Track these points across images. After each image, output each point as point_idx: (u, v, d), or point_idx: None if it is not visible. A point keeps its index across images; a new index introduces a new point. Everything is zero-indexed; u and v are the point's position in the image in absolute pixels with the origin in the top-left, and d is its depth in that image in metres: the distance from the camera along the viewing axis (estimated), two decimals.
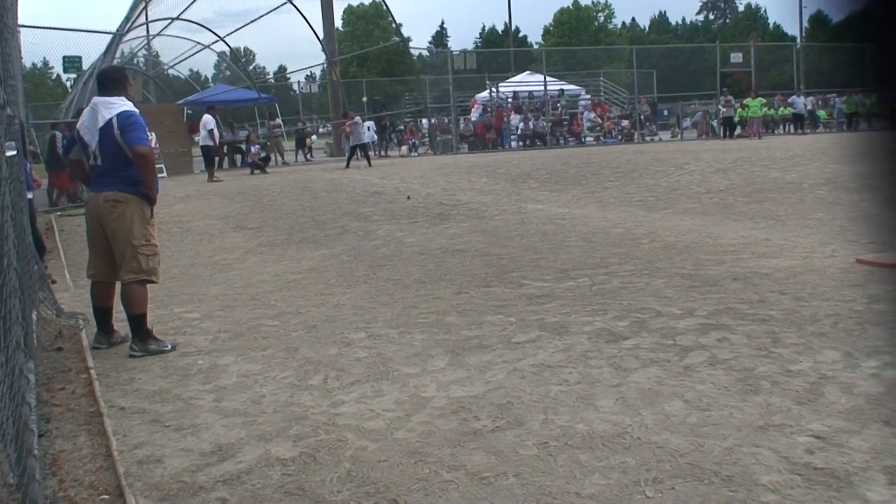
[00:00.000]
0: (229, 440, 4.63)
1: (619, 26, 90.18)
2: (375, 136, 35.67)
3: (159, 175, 7.66)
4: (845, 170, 16.34)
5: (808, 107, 36.55)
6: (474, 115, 36.47)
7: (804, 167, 17.15)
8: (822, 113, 38.05)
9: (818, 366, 5.28)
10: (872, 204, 1.40)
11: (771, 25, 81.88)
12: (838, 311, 6.61)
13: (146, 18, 30.29)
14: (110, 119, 6.65)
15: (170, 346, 6.77)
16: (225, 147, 29.77)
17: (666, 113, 42.40)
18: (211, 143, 24.24)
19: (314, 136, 41.67)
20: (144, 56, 38.88)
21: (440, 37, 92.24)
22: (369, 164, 25.02)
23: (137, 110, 6.90)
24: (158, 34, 33.77)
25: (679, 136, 37.44)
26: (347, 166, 24.93)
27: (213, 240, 13.74)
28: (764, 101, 34.54)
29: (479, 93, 38.96)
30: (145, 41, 35.11)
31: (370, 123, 34.57)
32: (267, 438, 4.63)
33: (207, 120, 24.40)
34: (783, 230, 11.33)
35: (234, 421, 4.94)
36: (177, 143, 28.44)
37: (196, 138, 26.51)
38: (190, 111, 35.95)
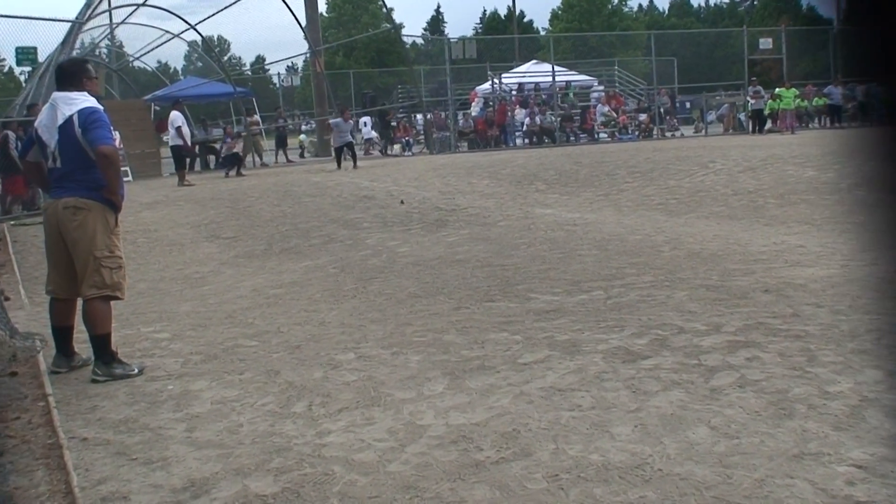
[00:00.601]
0: (203, 475, 4.63)
1: (636, 9, 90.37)
2: (374, 133, 35.73)
3: (124, 179, 7.68)
4: (888, 168, 16.33)
5: (859, 97, 36.52)
6: (475, 109, 36.50)
7: (842, 165, 17.17)
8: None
9: (859, 387, 5.28)
10: None
11: (804, 7, 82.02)
12: (881, 326, 6.60)
13: (109, 5, 30.35)
14: (70, 116, 6.66)
15: (136, 370, 6.77)
16: (197, 147, 29.80)
17: (688, 105, 42.55)
18: (181, 143, 24.29)
19: (303, 136, 41.77)
20: (107, 47, 38.92)
21: (436, 23, 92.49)
22: (355, 165, 25.11)
23: (101, 107, 6.92)
24: (122, 22, 33.81)
25: (703, 131, 37.54)
26: (338, 167, 25.09)
27: (184, 251, 13.76)
28: (798, 91, 34.58)
29: (479, 85, 39.01)
30: (108, 30, 35.15)
31: (366, 119, 34.58)
32: (245, 472, 4.63)
33: (175, 117, 24.45)
34: (819, 236, 11.36)
35: (209, 453, 4.94)
36: (143, 142, 28.51)
37: (164, 137, 26.54)
38: (158, 107, 35.99)
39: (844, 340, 6.29)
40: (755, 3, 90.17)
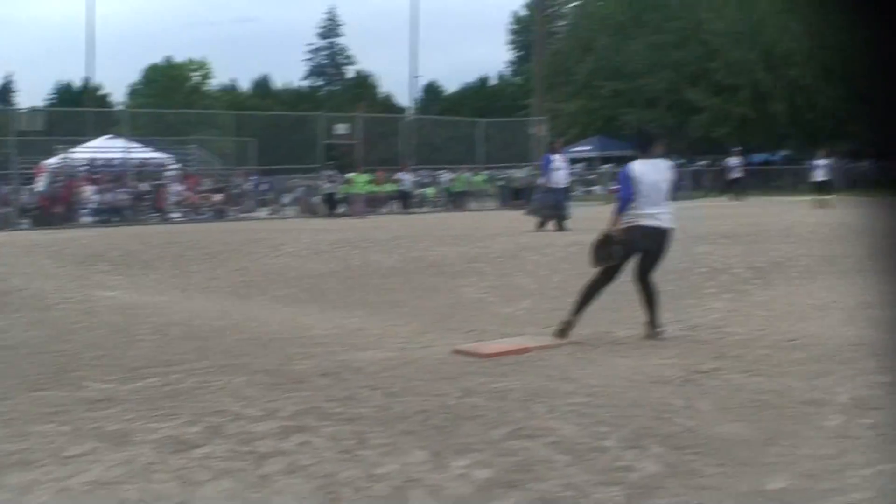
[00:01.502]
0: None
1: (217, 88, 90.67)
2: None
3: None
4: (450, 252, 17.48)
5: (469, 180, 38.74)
6: (40, 184, 35.03)
7: (406, 249, 18.11)
8: (430, 191, 40.49)
9: (405, 468, 5.50)
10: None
11: (381, 95, 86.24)
12: (429, 407, 6.96)
13: None
14: None
15: None
16: None
17: (266, 187, 43.06)
18: None
19: None
20: None
21: (5, 92, 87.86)
22: None
23: None
24: None
25: (279, 213, 38.15)
26: None
27: None
28: (370, 176, 36.18)
29: (47, 158, 37.52)
30: None
31: None
32: None
33: None
34: (380, 318, 11.80)
35: None
36: None
37: None
38: None
39: (394, 422, 6.56)
40: (336, 88, 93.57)
